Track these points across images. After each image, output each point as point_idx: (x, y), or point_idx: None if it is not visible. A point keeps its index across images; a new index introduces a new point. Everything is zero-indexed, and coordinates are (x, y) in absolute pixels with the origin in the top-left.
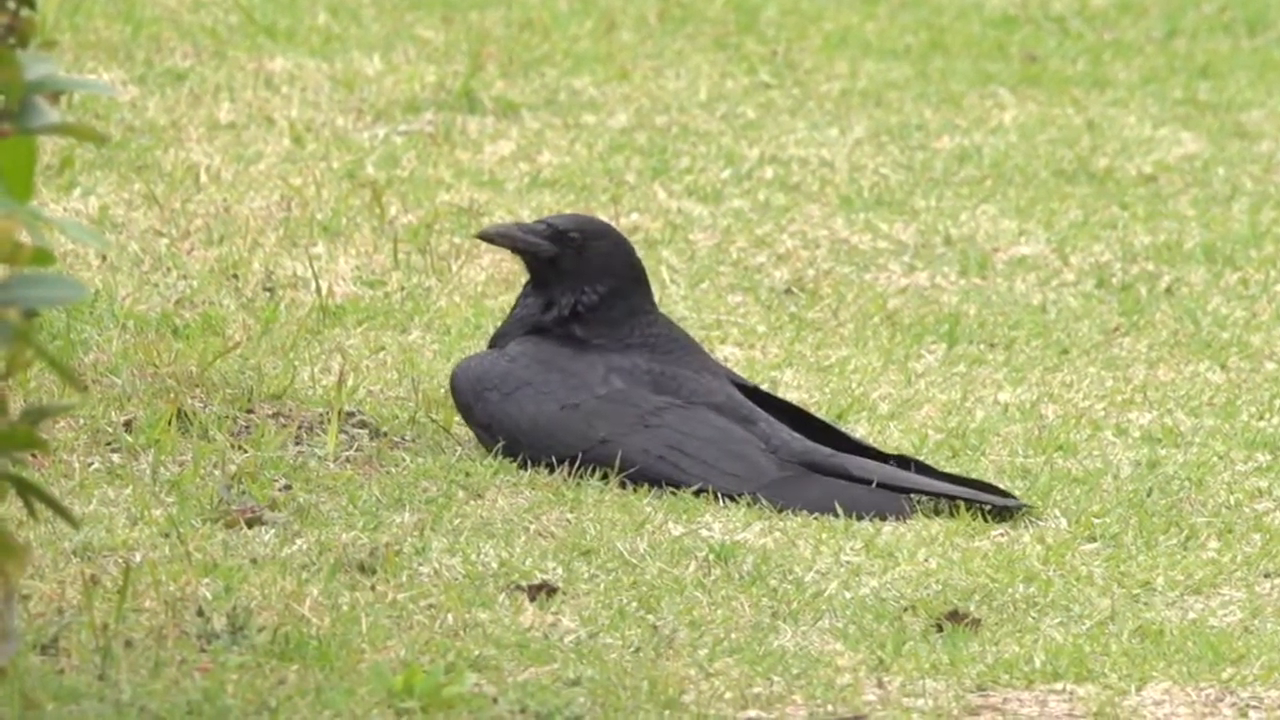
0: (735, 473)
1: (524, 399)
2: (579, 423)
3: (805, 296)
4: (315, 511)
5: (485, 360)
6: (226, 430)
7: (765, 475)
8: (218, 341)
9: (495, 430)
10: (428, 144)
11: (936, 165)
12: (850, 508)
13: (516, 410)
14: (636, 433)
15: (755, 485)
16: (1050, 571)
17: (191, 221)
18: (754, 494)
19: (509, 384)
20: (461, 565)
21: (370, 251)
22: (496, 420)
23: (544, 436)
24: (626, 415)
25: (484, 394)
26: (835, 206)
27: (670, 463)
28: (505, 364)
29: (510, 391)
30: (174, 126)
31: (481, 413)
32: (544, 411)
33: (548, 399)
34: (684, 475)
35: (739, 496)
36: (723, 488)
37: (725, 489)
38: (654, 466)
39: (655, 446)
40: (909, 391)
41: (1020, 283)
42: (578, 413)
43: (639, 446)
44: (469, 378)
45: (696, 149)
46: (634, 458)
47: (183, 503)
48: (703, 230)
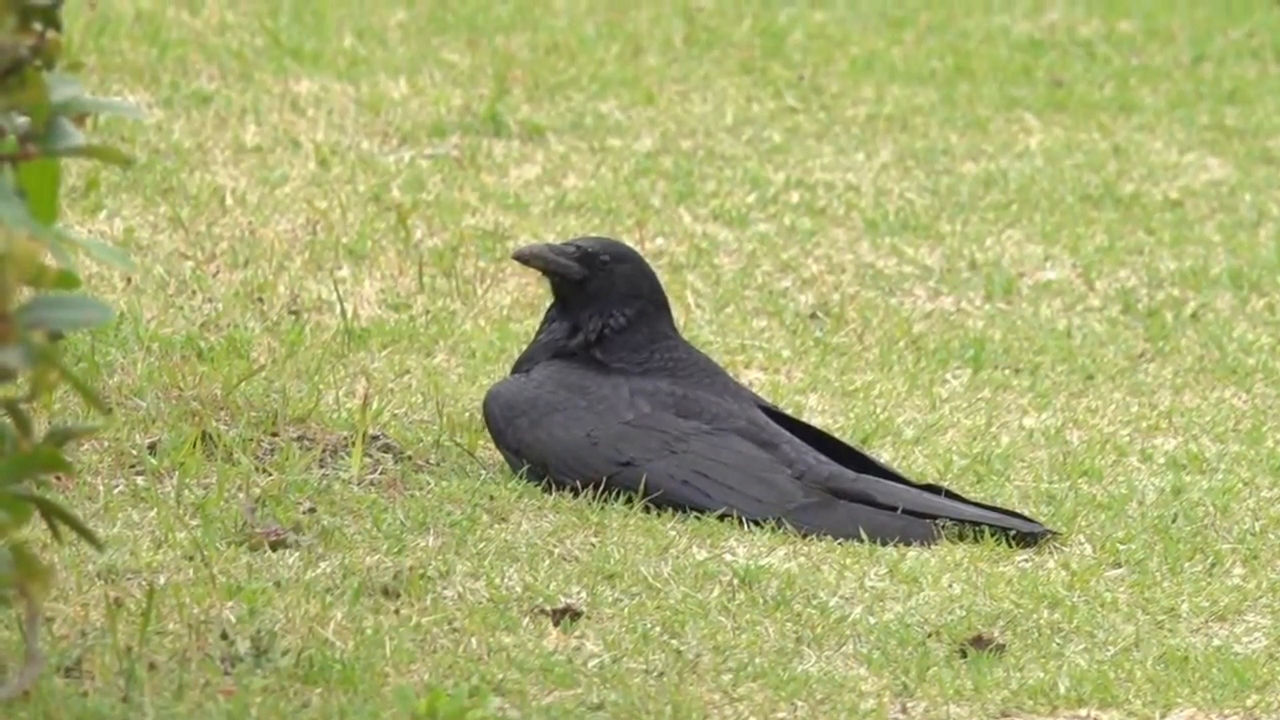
0: (760, 498)
1: (553, 425)
2: (606, 448)
3: (830, 321)
4: (339, 534)
5: (514, 386)
6: (251, 453)
7: (790, 500)
8: (242, 364)
9: (525, 455)
10: (453, 167)
11: (962, 190)
12: (875, 533)
13: (546, 436)
14: (662, 457)
15: (780, 510)
16: (1075, 597)
17: (217, 244)
18: (779, 519)
19: (538, 410)
20: (485, 589)
21: (395, 275)
22: (526, 445)
23: (572, 461)
24: (653, 440)
25: (514, 420)
26: (860, 231)
27: (695, 487)
28: (533, 390)
29: (539, 418)
30: (199, 149)
31: (512, 439)
32: (572, 437)
33: (576, 425)
34: (709, 500)
35: (763, 521)
36: (747, 513)
37: (750, 514)
38: (679, 491)
39: (681, 471)
40: (934, 416)
41: (1045, 308)
42: (605, 438)
43: (664, 471)
44: (500, 404)
45: (722, 173)
46: (659, 482)
47: (207, 525)
48: (728, 254)
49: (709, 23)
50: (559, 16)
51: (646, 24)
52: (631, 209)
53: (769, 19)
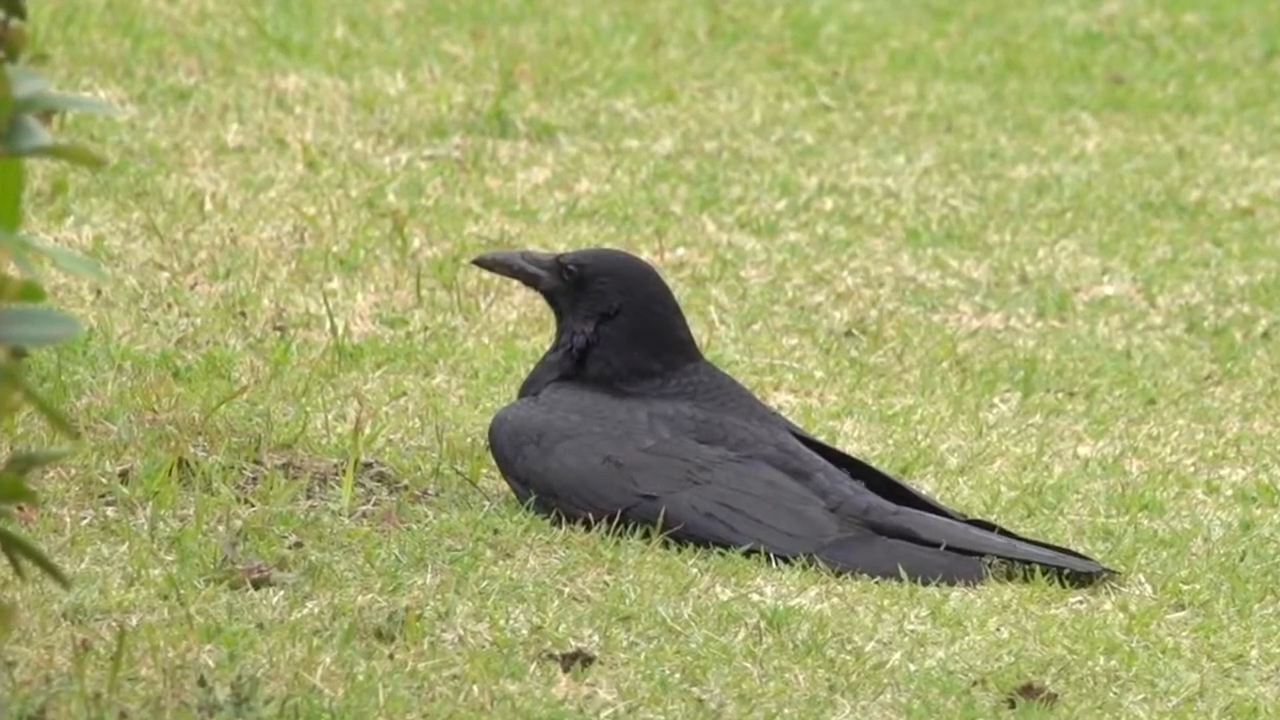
0: (791, 531)
1: (564, 452)
2: (621, 477)
3: (867, 339)
4: (328, 571)
5: (522, 411)
6: (232, 482)
7: (824, 535)
8: (223, 385)
9: (534, 486)
10: (455, 170)
11: (1012, 196)
12: (917, 572)
13: (557, 464)
14: (684, 488)
15: (813, 546)
16: (1134, 643)
17: (195, 254)
18: (811, 556)
19: (548, 437)
20: (489, 631)
21: (391, 288)
22: (535, 475)
23: (585, 492)
24: (674, 469)
25: (522, 448)
26: (900, 241)
27: (720, 521)
28: (543, 415)
29: (550, 445)
30: (176, 149)
31: (520, 468)
32: (586, 465)
33: (589, 452)
34: (735, 535)
35: (794, 558)
36: (777, 549)
37: (780, 550)
38: (702, 525)
39: (704, 503)
40: (980, 444)
41: (1103, 326)
42: (621, 467)
43: (686, 503)
44: (507, 431)
45: (749, 177)
46: (681, 515)
47: (184, 561)
48: (755, 266)
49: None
50: (571, 6)
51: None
52: (650, 216)
53: (801, 9)
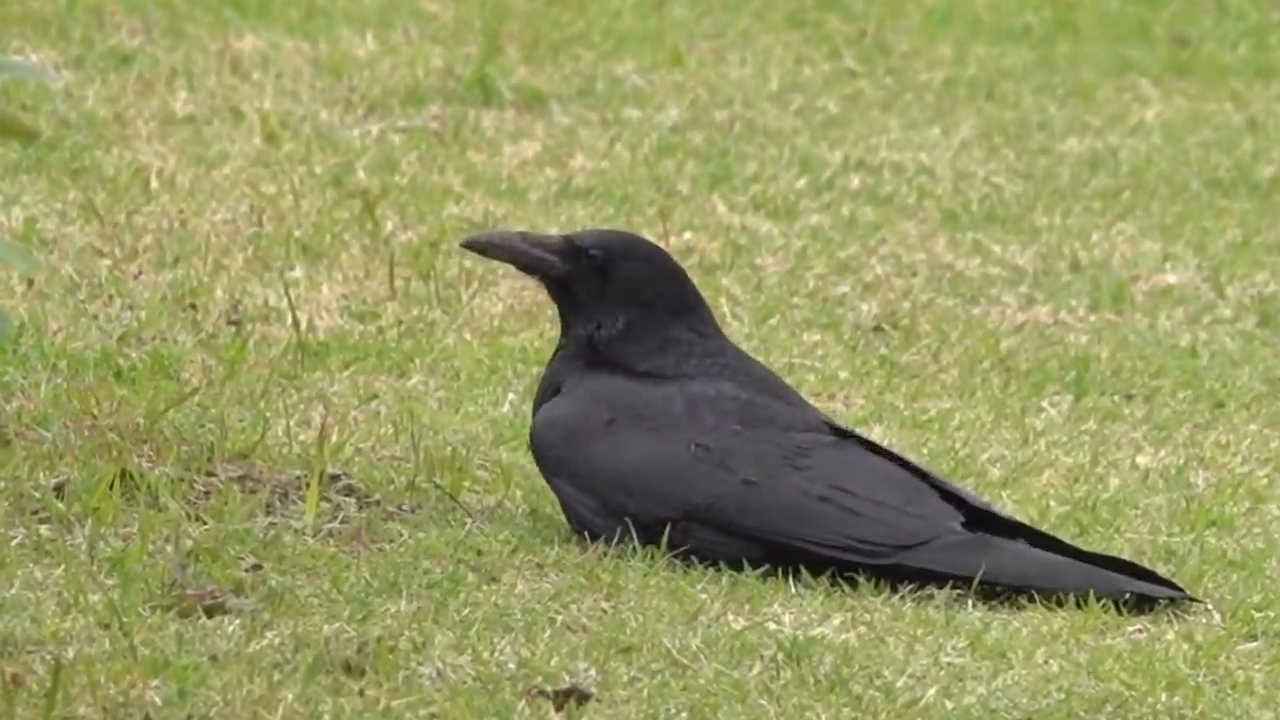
0: (921, 513)
1: (639, 443)
2: (712, 463)
3: (898, 335)
4: (290, 597)
5: (571, 406)
6: (181, 497)
7: (948, 531)
8: (171, 387)
9: (597, 486)
10: (432, 144)
11: (1062, 173)
12: (1052, 584)
13: (634, 456)
14: (786, 473)
15: (938, 543)
16: (1200, 677)
17: (139, 238)
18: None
19: (617, 428)
20: (471, 665)
21: (360, 277)
22: (601, 472)
23: (668, 482)
24: (768, 453)
25: (584, 445)
26: (936, 224)
27: (837, 504)
28: (597, 405)
29: (622, 438)
30: (118, 120)
31: (582, 467)
32: (668, 452)
33: (671, 439)
34: (856, 521)
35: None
36: (903, 535)
37: (897, 541)
38: (815, 511)
39: (814, 486)
40: (1026, 453)
41: (1165, 319)
42: (711, 451)
43: (794, 488)
44: (560, 429)
45: (765, 152)
46: (789, 500)
47: (126, 586)
48: (772, 253)
49: None
50: None
51: None
52: (653, 196)
53: None
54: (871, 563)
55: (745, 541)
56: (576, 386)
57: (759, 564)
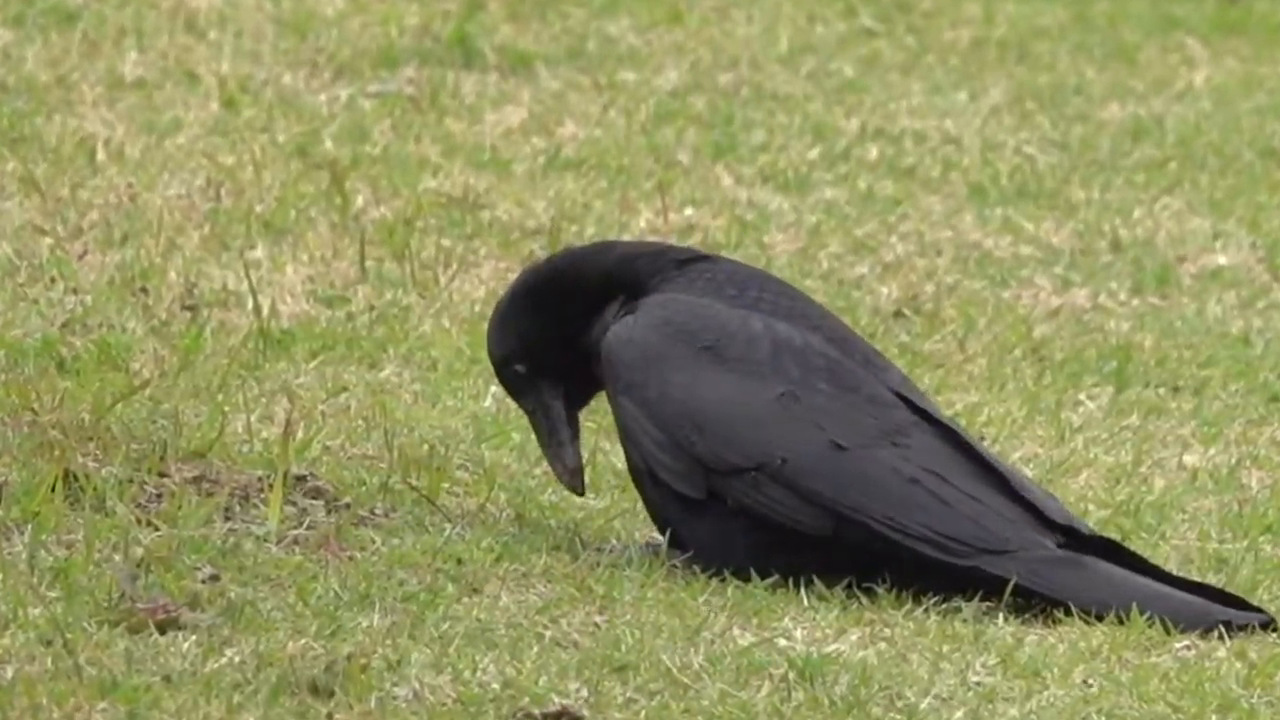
0: (1015, 520)
1: (722, 380)
2: (798, 418)
3: (921, 321)
4: (251, 611)
5: (648, 325)
6: (131, 500)
7: (1039, 545)
8: (120, 379)
9: (666, 415)
10: (407, 110)
11: (1101, 143)
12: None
13: (711, 393)
14: (882, 445)
15: (1025, 555)
16: (1254, 698)
17: (85, 215)
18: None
19: (693, 359)
20: (451, 685)
21: (328, 257)
22: (674, 405)
23: (747, 429)
24: (864, 420)
25: (657, 367)
26: (962, 199)
27: (927, 489)
28: (677, 332)
29: (700, 368)
30: (61, 84)
31: (656, 393)
32: (754, 398)
33: (755, 380)
34: (943, 511)
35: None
36: (990, 538)
37: (983, 543)
38: (899, 491)
39: (908, 466)
40: (1062, 451)
41: (1215, 304)
42: (799, 403)
43: (887, 463)
44: (635, 347)
45: (774, 119)
46: (880, 475)
47: (70, 599)
48: (782, 230)
49: None
50: None
51: None
52: (650, 167)
53: None
54: (945, 560)
55: (815, 509)
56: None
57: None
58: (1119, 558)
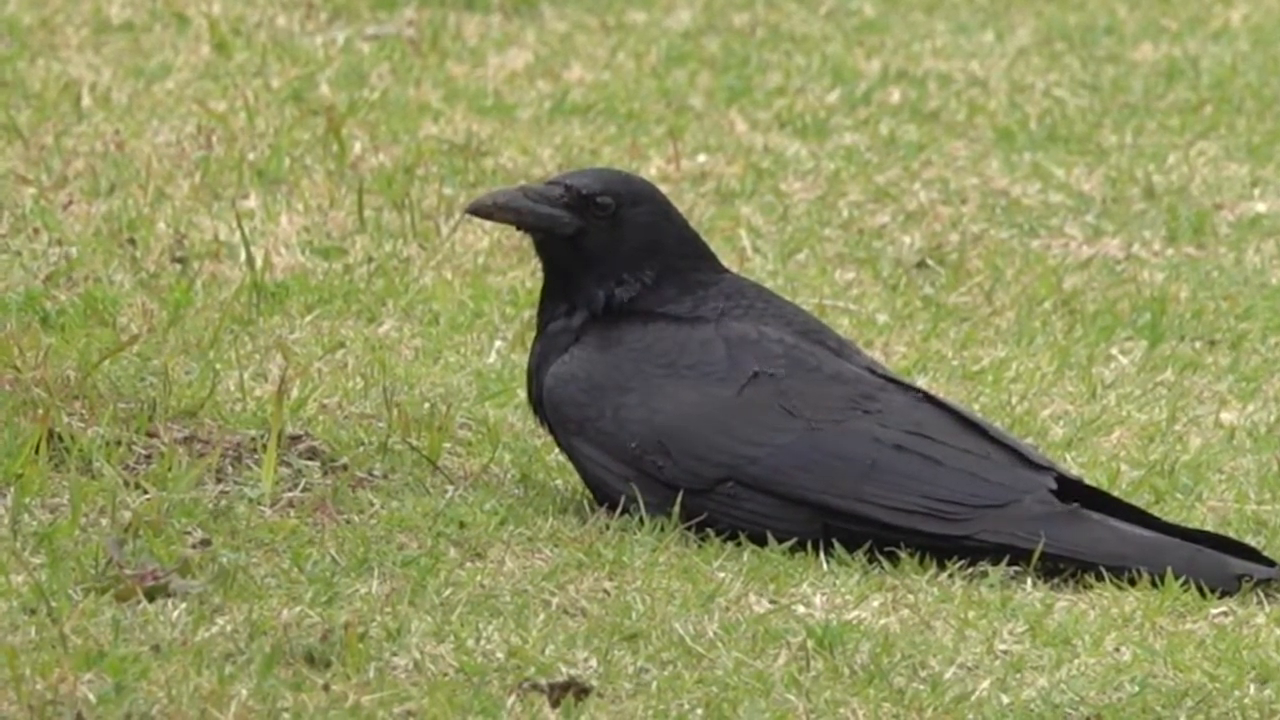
0: (1004, 482)
1: (678, 391)
2: (766, 408)
3: (946, 272)
4: (244, 577)
5: (589, 359)
6: (118, 461)
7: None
8: (106, 335)
9: (630, 442)
10: (407, 53)
11: (1134, 85)
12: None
13: (671, 405)
14: (855, 417)
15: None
16: None
17: (70, 163)
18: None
19: (647, 377)
20: (453, 655)
21: (325, 207)
22: (635, 424)
23: (716, 432)
24: (833, 395)
25: (611, 398)
26: (989, 144)
27: (915, 452)
28: (624, 356)
29: (657, 386)
30: (44, 27)
31: (609, 423)
32: (714, 399)
33: (714, 383)
34: (938, 471)
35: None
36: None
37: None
38: (886, 462)
39: (889, 433)
40: (1094, 409)
41: (1253, 253)
42: (764, 392)
43: (866, 433)
44: (582, 383)
45: (791, 61)
46: (862, 450)
47: (55, 565)
48: (800, 177)
49: None
50: None
51: None
52: (661, 113)
53: None
54: (945, 532)
55: (801, 510)
56: (593, 338)
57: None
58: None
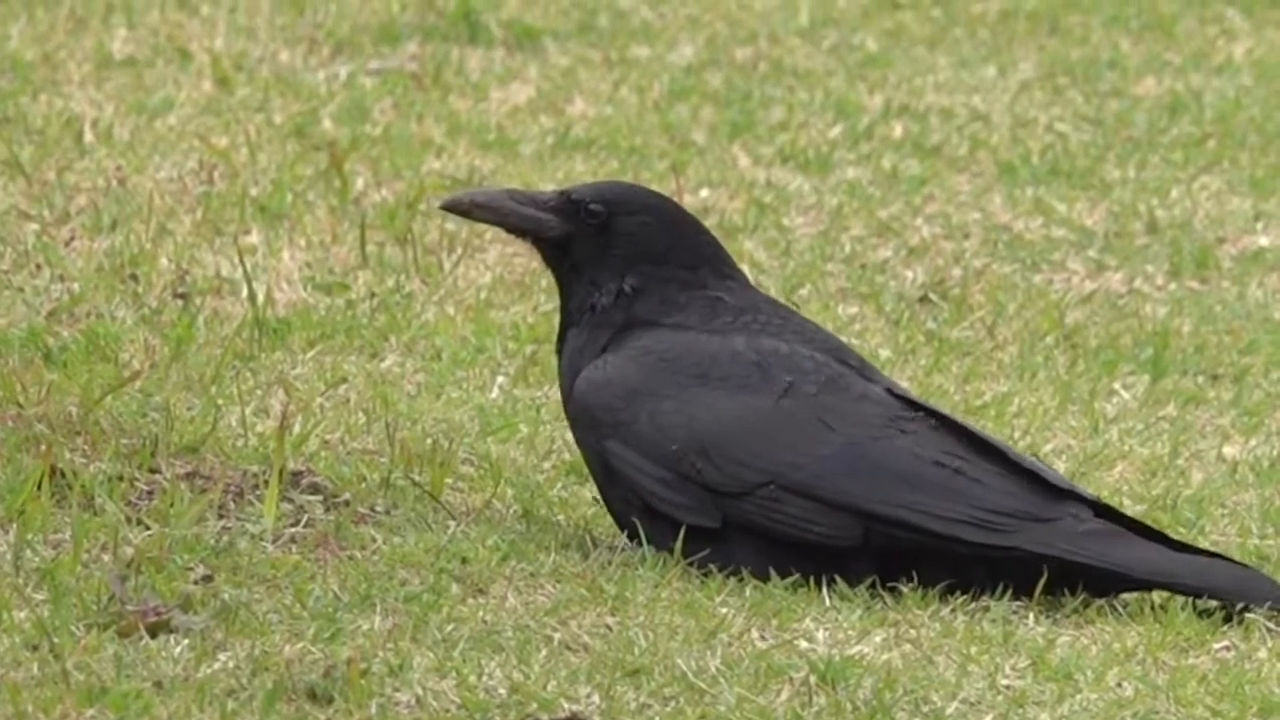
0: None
1: (715, 399)
2: (805, 421)
3: (948, 306)
4: (246, 614)
5: (625, 361)
6: (120, 497)
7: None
8: (109, 370)
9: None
10: (410, 88)
11: (1137, 120)
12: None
13: (707, 413)
14: (892, 435)
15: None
16: None
17: (72, 199)
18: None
19: (680, 384)
20: (456, 691)
21: (327, 242)
22: (668, 430)
23: (753, 440)
24: (870, 413)
25: (641, 398)
26: (992, 178)
27: (951, 469)
28: (654, 363)
29: (697, 391)
30: (47, 62)
31: (646, 426)
32: (753, 409)
33: (749, 393)
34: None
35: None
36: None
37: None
38: (928, 475)
39: (928, 450)
40: (1096, 443)
41: (1256, 287)
42: (801, 406)
43: (906, 449)
44: (616, 389)
45: (794, 96)
46: (902, 463)
47: (58, 601)
48: (803, 212)
49: None
50: None
51: None
52: (664, 147)
53: None
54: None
55: (843, 515)
56: (624, 344)
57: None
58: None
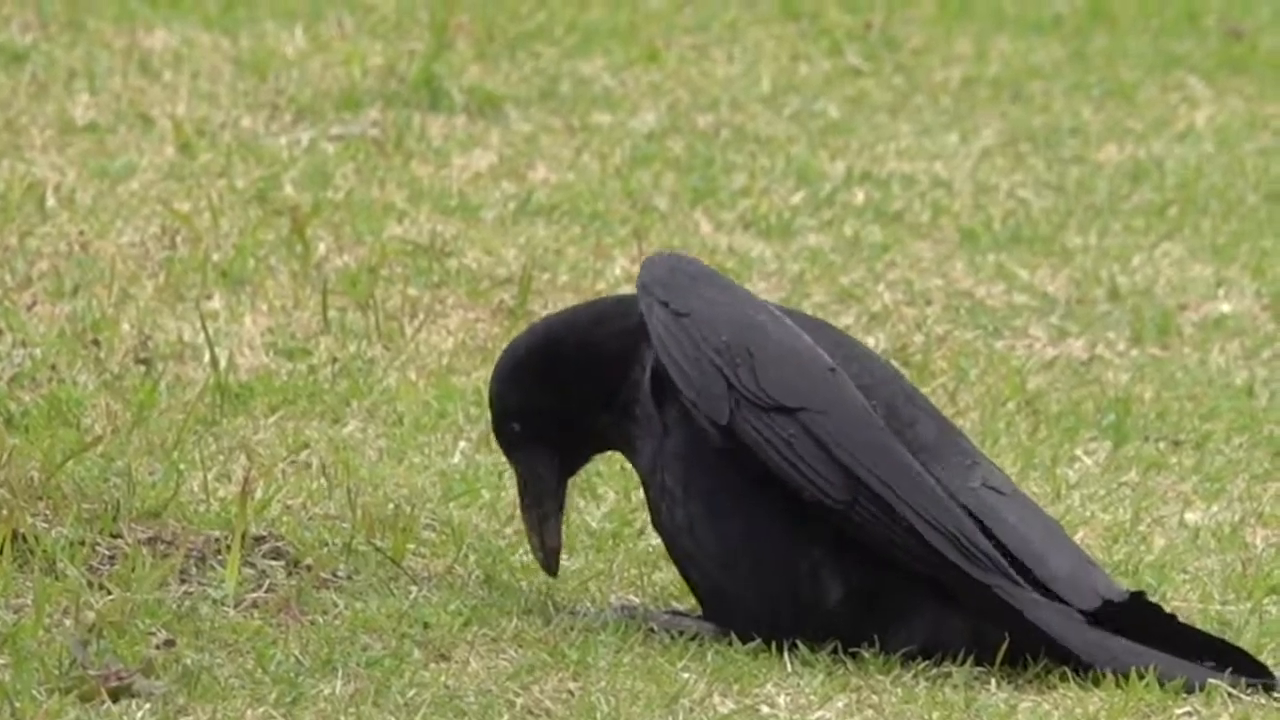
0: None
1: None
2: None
3: (910, 372)
4: (208, 678)
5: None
6: (82, 562)
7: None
8: (70, 435)
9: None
10: (371, 154)
11: (1099, 186)
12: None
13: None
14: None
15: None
16: None
17: (34, 264)
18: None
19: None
20: None
21: (289, 307)
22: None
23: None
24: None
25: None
26: (953, 245)
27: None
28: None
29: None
30: (9, 128)
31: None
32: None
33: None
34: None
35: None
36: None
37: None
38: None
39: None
40: (1059, 508)
41: (1218, 354)
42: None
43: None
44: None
45: (756, 162)
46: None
47: (19, 665)
48: (765, 278)
49: None
50: None
51: None
52: (626, 213)
53: None
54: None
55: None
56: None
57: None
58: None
